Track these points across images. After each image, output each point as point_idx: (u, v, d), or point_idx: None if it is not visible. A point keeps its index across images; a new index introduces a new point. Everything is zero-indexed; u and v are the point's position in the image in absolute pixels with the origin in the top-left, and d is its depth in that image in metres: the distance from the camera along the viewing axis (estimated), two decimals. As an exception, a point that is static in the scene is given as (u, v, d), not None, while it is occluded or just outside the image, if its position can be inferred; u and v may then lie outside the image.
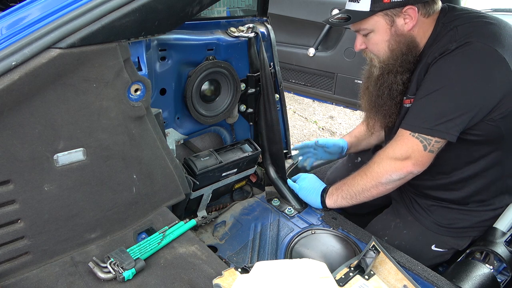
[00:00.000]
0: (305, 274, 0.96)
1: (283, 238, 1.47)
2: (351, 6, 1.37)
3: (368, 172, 1.41)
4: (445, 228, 1.49)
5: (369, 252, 1.18)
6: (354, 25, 1.40)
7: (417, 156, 1.30)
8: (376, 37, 1.38)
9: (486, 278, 1.23)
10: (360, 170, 1.45)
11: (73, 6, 0.94)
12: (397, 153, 1.34)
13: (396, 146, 1.35)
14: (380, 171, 1.37)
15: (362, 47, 1.45)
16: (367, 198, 1.44)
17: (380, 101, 1.46)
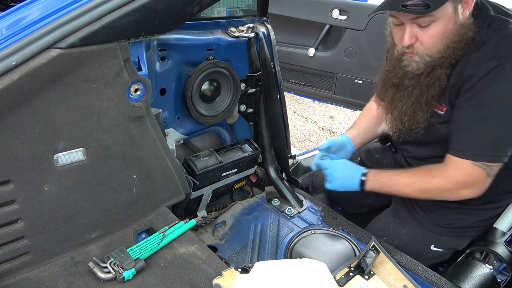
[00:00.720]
0: (305, 274, 0.96)
1: (283, 238, 1.47)
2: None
3: (424, 189, 1.35)
4: (444, 228, 1.49)
5: (369, 252, 1.18)
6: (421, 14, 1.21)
7: (480, 184, 1.28)
8: (439, 27, 1.22)
9: (486, 278, 1.23)
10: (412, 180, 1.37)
11: (73, 6, 0.94)
12: (460, 181, 1.29)
13: (458, 174, 1.28)
14: (436, 190, 1.34)
15: (412, 41, 1.26)
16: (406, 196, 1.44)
17: (428, 98, 1.33)
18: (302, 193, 1.77)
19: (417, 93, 1.34)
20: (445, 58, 1.26)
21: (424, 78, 1.31)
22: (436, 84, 1.29)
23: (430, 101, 1.32)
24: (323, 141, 4.04)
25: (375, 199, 1.85)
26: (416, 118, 1.37)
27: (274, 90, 1.66)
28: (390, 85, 1.42)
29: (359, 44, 2.52)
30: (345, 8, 2.51)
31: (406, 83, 1.35)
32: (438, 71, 1.28)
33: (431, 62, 1.27)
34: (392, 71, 1.39)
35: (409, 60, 1.31)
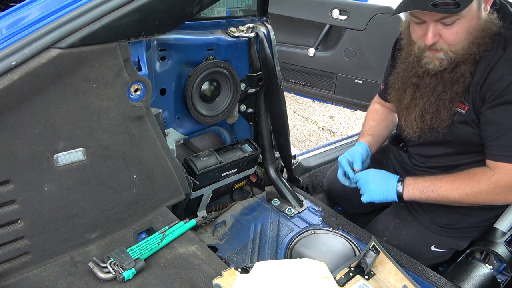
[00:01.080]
0: (305, 274, 0.96)
1: (283, 238, 1.47)
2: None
3: (471, 194, 1.27)
4: (444, 228, 1.49)
5: (369, 252, 1.18)
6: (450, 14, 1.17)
7: None
8: (463, 24, 1.20)
9: (486, 278, 1.23)
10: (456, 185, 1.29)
11: (73, 6, 0.94)
12: (510, 185, 1.24)
13: (508, 179, 1.24)
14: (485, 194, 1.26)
15: (435, 40, 1.23)
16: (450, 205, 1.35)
17: (452, 94, 1.29)
18: (302, 193, 1.77)
19: (441, 90, 1.31)
20: (469, 55, 1.24)
21: (448, 74, 1.28)
22: (461, 80, 1.26)
23: (455, 98, 1.29)
24: (323, 141, 4.04)
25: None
26: (439, 116, 1.33)
27: (276, 88, 1.66)
28: (409, 85, 1.39)
29: (359, 44, 2.52)
30: (345, 8, 2.51)
31: (427, 81, 1.32)
32: (462, 67, 1.25)
33: (454, 58, 1.25)
34: (411, 70, 1.36)
35: (431, 58, 1.28)
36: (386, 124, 1.71)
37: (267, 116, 1.78)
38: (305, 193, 1.78)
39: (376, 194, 1.39)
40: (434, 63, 1.28)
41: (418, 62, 1.32)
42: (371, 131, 1.68)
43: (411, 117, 1.41)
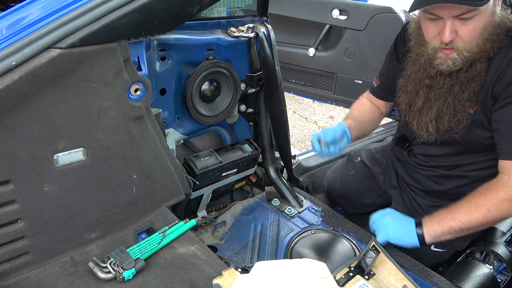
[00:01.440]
0: (305, 274, 0.96)
1: (283, 238, 1.47)
2: None
3: (493, 208, 1.17)
4: None
5: (369, 252, 1.18)
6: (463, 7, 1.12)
7: None
8: (480, 20, 1.17)
9: (486, 278, 1.23)
10: (473, 204, 1.21)
11: (73, 6, 0.94)
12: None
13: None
14: (507, 203, 1.18)
15: (453, 37, 1.19)
16: (480, 229, 1.24)
17: (470, 94, 1.26)
18: (302, 193, 1.77)
19: (457, 90, 1.27)
20: (483, 52, 1.21)
21: (464, 74, 1.25)
22: (477, 79, 1.23)
23: (472, 98, 1.26)
24: (323, 141, 4.04)
25: (375, 199, 1.85)
26: (457, 117, 1.29)
27: (276, 88, 1.66)
28: (421, 87, 1.35)
29: (359, 44, 2.52)
30: (345, 8, 2.52)
31: (442, 81, 1.29)
32: (478, 65, 1.23)
33: (469, 57, 1.22)
34: (424, 71, 1.32)
35: (444, 59, 1.25)
36: (370, 118, 1.69)
37: (267, 116, 1.78)
38: (305, 193, 1.78)
39: (394, 240, 1.28)
40: (448, 63, 1.24)
41: (430, 63, 1.29)
42: (353, 117, 1.63)
43: (425, 119, 1.36)
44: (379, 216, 1.34)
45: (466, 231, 1.20)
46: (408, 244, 1.25)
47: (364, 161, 1.87)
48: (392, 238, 1.27)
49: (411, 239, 1.25)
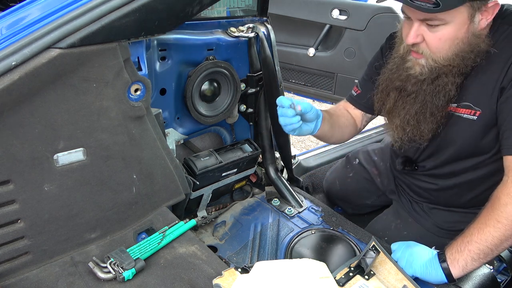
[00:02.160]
0: (305, 274, 0.96)
1: (283, 238, 1.47)
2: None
3: (501, 217, 1.08)
4: (446, 231, 1.48)
5: (369, 252, 1.17)
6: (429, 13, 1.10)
7: None
8: (448, 31, 1.13)
9: (486, 278, 1.23)
10: (482, 219, 1.11)
11: (73, 6, 0.94)
12: None
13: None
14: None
15: (417, 40, 1.18)
16: (507, 247, 1.12)
17: (432, 108, 1.24)
18: (302, 193, 1.77)
19: (421, 101, 1.26)
20: (452, 67, 1.19)
21: (428, 86, 1.23)
22: (441, 93, 1.22)
23: (435, 112, 1.25)
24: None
25: (375, 200, 1.86)
26: (419, 129, 1.29)
27: (276, 88, 1.66)
28: (392, 88, 1.33)
29: (359, 44, 2.52)
30: (345, 8, 2.52)
31: (409, 88, 1.28)
32: (444, 79, 1.21)
33: (436, 68, 1.20)
34: (396, 72, 1.31)
35: (414, 62, 1.24)
36: (345, 124, 1.53)
37: (267, 116, 1.78)
38: (305, 193, 1.78)
39: (421, 276, 1.16)
40: (415, 68, 1.23)
41: (403, 65, 1.27)
42: (330, 114, 1.48)
43: (393, 125, 1.37)
44: (401, 248, 1.22)
45: (490, 252, 1.08)
46: (434, 280, 1.14)
47: (362, 163, 1.86)
48: (418, 273, 1.15)
49: (437, 275, 1.12)
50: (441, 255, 1.14)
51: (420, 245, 1.21)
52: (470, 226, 1.13)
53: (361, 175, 1.85)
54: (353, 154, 1.96)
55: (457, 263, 1.10)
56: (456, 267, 1.11)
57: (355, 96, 1.59)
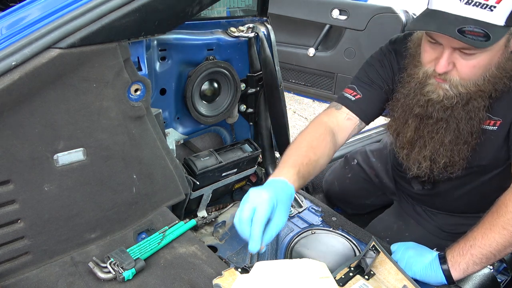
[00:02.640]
0: (305, 274, 0.96)
1: (283, 238, 1.47)
2: (476, 14, 0.96)
3: (508, 224, 1.05)
4: (448, 233, 1.48)
5: (369, 252, 1.17)
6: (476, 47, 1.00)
7: None
8: (483, 59, 1.04)
9: (486, 278, 1.23)
10: (487, 224, 1.08)
11: (73, 6, 0.94)
12: None
13: None
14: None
15: (448, 69, 1.08)
16: (510, 252, 1.11)
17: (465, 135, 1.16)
18: (302, 193, 1.77)
19: (454, 129, 1.16)
20: (482, 92, 1.11)
21: (459, 112, 1.14)
22: (475, 120, 1.13)
23: (469, 139, 1.17)
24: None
25: (374, 200, 1.85)
26: (453, 159, 1.20)
27: (276, 88, 1.66)
28: (411, 116, 1.22)
29: (359, 44, 2.52)
30: (345, 8, 2.52)
31: (435, 115, 1.16)
32: (475, 104, 1.12)
33: (465, 94, 1.11)
34: (413, 97, 1.19)
35: (435, 86, 1.13)
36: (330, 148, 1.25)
37: (267, 116, 1.78)
38: (305, 193, 1.77)
39: (420, 277, 1.13)
40: (438, 92, 1.13)
41: (421, 90, 1.16)
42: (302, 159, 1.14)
43: (417, 155, 1.25)
44: (401, 249, 1.20)
45: (492, 257, 1.06)
46: (434, 281, 1.12)
47: (360, 164, 1.86)
48: (418, 275, 1.13)
49: (437, 276, 1.10)
50: (442, 257, 1.12)
51: (419, 247, 1.19)
52: (473, 229, 1.10)
53: (359, 176, 1.85)
54: (351, 155, 1.95)
55: (458, 266, 1.09)
56: (457, 269, 1.09)
57: (354, 101, 1.33)
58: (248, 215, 0.94)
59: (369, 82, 1.34)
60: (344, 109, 1.33)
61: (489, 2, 0.94)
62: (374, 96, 1.33)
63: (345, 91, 1.36)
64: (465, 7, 0.96)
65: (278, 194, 0.99)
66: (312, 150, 1.17)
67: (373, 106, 1.34)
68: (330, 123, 1.29)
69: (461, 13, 0.97)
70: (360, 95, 1.33)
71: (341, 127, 1.31)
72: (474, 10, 0.96)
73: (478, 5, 0.95)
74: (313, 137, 1.21)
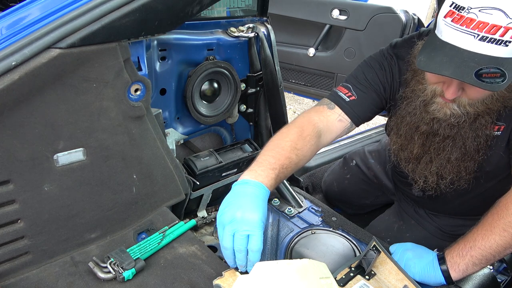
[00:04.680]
0: (305, 275, 0.96)
1: (283, 238, 1.47)
2: (491, 50, 0.92)
3: (509, 226, 1.04)
4: (448, 234, 1.48)
5: (369, 252, 1.17)
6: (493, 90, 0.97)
7: None
8: None
9: (486, 278, 1.23)
10: (487, 226, 1.07)
11: (73, 6, 0.94)
12: None
13: None
14: None
15: (458, 95, 1.06)
16: (509, 253, 1.10)
17: (472, 153, 1.16)
18: (302, 193, 1.77)
19: (460, 147, 1.16)
20: (490, 110, 1.10)
21: (465, 130, 1.13)
22: (482, 138, 1.13)
23: (475, 156, 1.16)
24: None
25: (374, 200, 1.86)
26: (460, 174, 1.20)
27: (276, 89, 1.65)
28: (418, 133, 1.21)
29: (359, 44, 2.52)
30: (345, 8, 2.52)
31: (442, 132, 1.16)
32: (482, 121, 1.11)
33: (472, 112, 1.09)
34: (419, 115, 1.18)
35: (441, 105, 1.11)
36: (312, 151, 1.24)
37: (267, 116, 1.78)
38: (305, 193, 1.77)
39: (418, 278, 1.12)
40: (445, 111, 1.11)
41: (425, 107, 1.15)
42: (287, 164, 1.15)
43: (424, 171, 1.25)
44: (399, 250, 1.19)
45: (492, 258, 1.06)
46: (433, 282, 1.10)
47: (359, 165, 1.86)
48: (417, 276, 1.12)
49: (436, 277, 1.09)
50: (441, 257, 1.12)
51: (418, 247, 1.18)
52: (472, 230, 1.10)
53: (358, 177, 1.85)
54: (350, 156, 1.95)
55: (458, 266, 1.08)
56: (456, 270, 1.09)
57: (348, 102, 1.29)
58: (243, 245, 0.94)
59: (366, 84, 1.30)
60: (337, 109, 1.29)
61: (505, 38, 0.91)
62: (369, 99, 1.30)
63: (340, 89, 1.32)
64: (480, 44, 0.93)
65: (264, 212, 0.99)
66: (295, 152, 1.15)
67: (366, 110, 1.31)
68: (320, 123, 1.26)
69: (476, 50, 0.93)
70: (355, 96, 1.29)
71: (330, 128, 1.29)
72: (489, 46, 0.92)
73: (493, 41, 0.92)
74: (300, 136, 1.18)
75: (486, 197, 1.28)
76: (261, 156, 1.14)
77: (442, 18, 0.99)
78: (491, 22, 0.90)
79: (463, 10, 0.93)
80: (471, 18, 0.92)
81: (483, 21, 0.91)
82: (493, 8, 0.90)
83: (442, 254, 1.12)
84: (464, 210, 1.44)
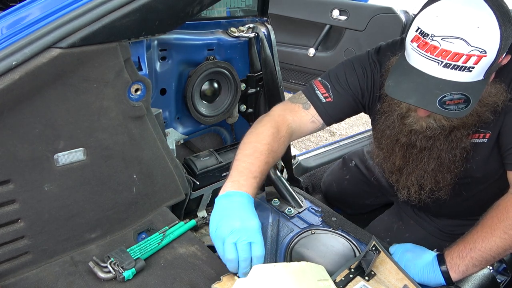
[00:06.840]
0: (303, 278, 0.96)
1: (283, 238, 1.47)
2: (455, 76, 0.95)
3: (509, 229, 1.05)
4: (448, 234, 1.48)
5: (369, 252, 1.17)
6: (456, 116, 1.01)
7: None
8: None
9: (486, 278, 1.23)
10: (487, 228, 1.07)
11: (73, 6, 0.94)
12: None
13: None
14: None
15: (429, 113, 1.09)
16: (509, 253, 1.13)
17: (448, 164, 1.19)
18: (302, 193, 1.77)
19: (436, 158, 1.19)
20: (465, 124, 1.12)
21: (441, 142, 1.16)
22: (457, 150, 1.15)
23: (452, 167, 1.19)
24: (323, 141, 4.04)
25: (374, 200, 1.86)
26: (438, 184, 1.23)
27: (276, 89, 1.65)
28: (398, 145, 1.23)
29: (359, 44, 2.52)
30: (345, 8, 2.52)
31: (419, 144, 1.19)
32: (457, 134, 1.14)
33: (448, 125, 1.12)
34: (397, 127, 1.20)
35: (417, 118, 1.13)
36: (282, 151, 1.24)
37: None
38: (305, 193, 1.77)
39: (417, 278, 1.12)
40: (421, 124, 1.13)
41: (402, 120, 1.17)
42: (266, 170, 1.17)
43: (406, 181, 1.28)
44: (399, 251, 1.19)
45: (492, 259, 1.07)
46: (433, 283, 1.11)
47: (358, 166, 1.86)
48: (416, 277, 1.12)
49: (436, 278, 1.10)
50: (440, 258, 1.12)
51: (417, 248, 1.18)
52: (472, 232, 1.11)
53: (358, 178, 1.85)
54: (349, 156, 1.95)
55: (458, 268, 1.09)
56: (456, 271, 1.09)
57: (324, 103, 1.28)
58: (247, 253, 0.95)
59: (346, 87, 1.28)
60: (312, 110, 1.28)
61: (467, 64, 0.93)
62: (345, 103, 1.30)
63: (317, 85, 1.29)
64: (444, 70, 0.95)
65: (258, 219, 1.03)
66: (272, 155, 1.17)
67: (340, 112, 1.31)
68: (293, 123, 1.27)
69: (440, 76, 0.96)
70: (331, 98, 1.28)
71: (302, 128, 1.30)
72: (453, 73, 0.95)
73: (456, 68, 0.94)
74: (275, 138, 1.19)
75: (483, 199, 1.29)
76: (240, 163, 1.13)
77: (409, 42, 1.01)
78: (453, 50, 0.92)
79: (427, 37, 0.95)
80: (434, 45, 0.94)
81: (445, 49, 0.93)
82: (455, 37, 0.92)
83: (441, 255, 1.13)
84: (462, 212, 1.44)
